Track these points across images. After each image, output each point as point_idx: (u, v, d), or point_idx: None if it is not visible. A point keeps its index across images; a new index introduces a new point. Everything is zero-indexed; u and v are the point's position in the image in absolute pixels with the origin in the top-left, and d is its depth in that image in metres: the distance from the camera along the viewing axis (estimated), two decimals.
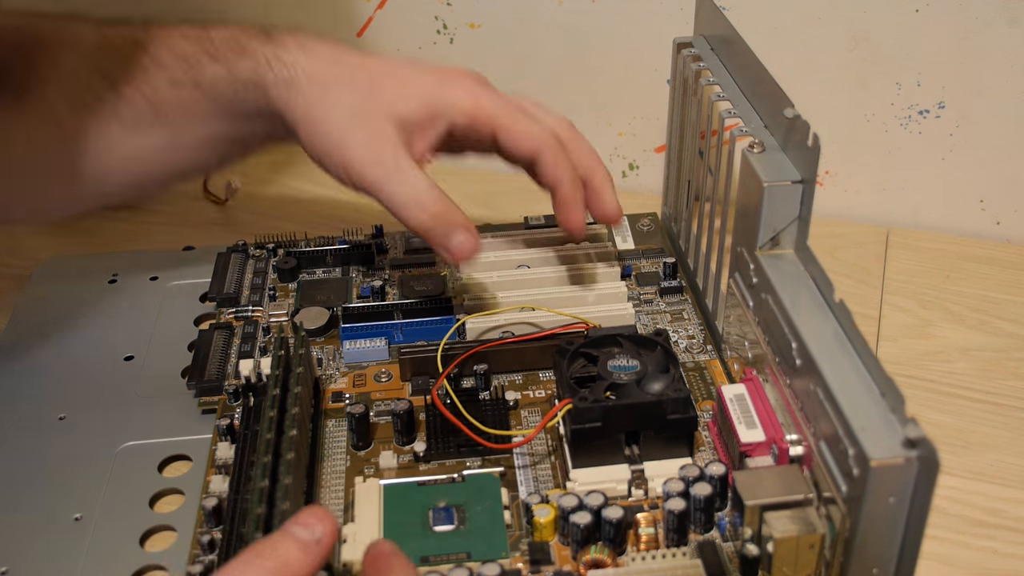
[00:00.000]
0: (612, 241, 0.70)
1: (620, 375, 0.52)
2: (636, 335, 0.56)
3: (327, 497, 0.52)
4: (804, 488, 0.46)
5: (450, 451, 0.54)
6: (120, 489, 0.54)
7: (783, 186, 0.49)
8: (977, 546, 0.52)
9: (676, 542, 0.48)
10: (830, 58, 0.74)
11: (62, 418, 0.59)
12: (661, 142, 0.82)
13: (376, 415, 0.57)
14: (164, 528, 0.52)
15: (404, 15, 0.83)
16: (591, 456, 0.51)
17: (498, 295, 0.62)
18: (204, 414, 0.58)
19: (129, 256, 0.72)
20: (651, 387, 0.52)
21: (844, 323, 0.46)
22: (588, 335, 0.57)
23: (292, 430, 0.49)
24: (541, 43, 0.81)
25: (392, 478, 0.53)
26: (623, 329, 0.59)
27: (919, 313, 0.68)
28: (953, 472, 0.56)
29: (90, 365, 0.62)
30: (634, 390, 0.52)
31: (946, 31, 0.71)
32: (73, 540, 0.51)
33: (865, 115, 0.76)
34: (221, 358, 0.61)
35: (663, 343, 0.55)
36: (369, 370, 0.60)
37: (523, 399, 0.58)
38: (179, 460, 0.56)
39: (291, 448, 0.48)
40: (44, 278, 0.70)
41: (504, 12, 0.80)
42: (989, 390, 0.62)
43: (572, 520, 0.47)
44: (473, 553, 0.48)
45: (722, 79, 0.59)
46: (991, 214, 0.77)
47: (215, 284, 0.67)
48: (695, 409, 0.51)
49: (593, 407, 0.50)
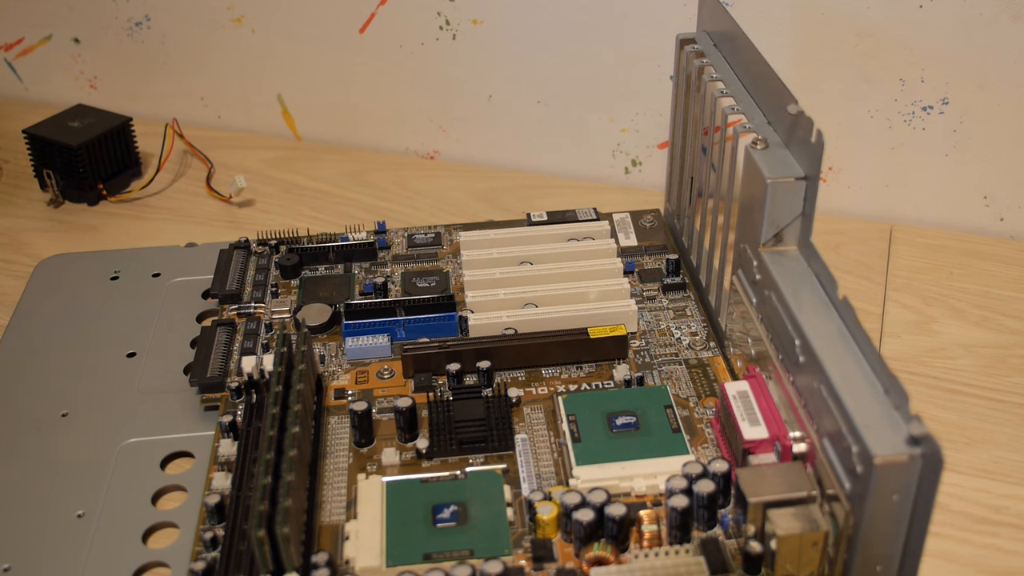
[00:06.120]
0: (615, 238, 0.70)
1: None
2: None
3: (329, 494, 0.52)
4: (807, 485, 0.46)
5: (452, 448, 0.54)
6: (122, 486, 0.54)
7: (786, 182, 0.49)
8: (980, 543, 0.52)
9: (679, 539, 0.48)
10: (833, 54, 0.74)
11: (64, 415, 0.59)
12: (664, 138, 0.82)
13: (378, 412, 0.57)
14: (167, 525, 0.52)
15: (406, 11, 0.83)
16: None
17: (500, 292, 0.62)
18: (206, 411, 0.58)
19: (131, 253, 0.72)
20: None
21: (847, 320, 0.45)
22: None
23: (294, 427, 0.49)
24: (544, 39, 0.81)
25: (395, 475, 0.53)
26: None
27: (922, 310, 0.68)
28: (956, 469, 0.56)
29: (92, 362, 0.62)
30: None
31: (950, 27, 0.71)
32: (76, 537, 0.51)
33: (869, 111, 0.76)
34: (223, 355, 0.61)
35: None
36: (371, 367, 0.60)
37: (526, 396, 0.58)
38: (181, 457, 0.56)
39: (293, 445, 0.48)
40: (46, 275, 0.70)
41: (507, 8, 0.80)
42: (992, 387, 0.62)
43: (575, 517, 0.47)
44: (476, 550, 0.48)
45: (725, 75, 0.59)
46: (995, 210, 0.77)
47: (217, 281, 0.67)
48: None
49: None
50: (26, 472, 0.55)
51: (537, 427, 0.56)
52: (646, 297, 0.65)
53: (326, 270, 0.69)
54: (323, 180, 0.84)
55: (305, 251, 0.69)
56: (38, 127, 0.80)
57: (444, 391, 0.58)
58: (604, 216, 0.72)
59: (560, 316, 0.61)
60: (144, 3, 0.89)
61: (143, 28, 0.90)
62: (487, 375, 0.58)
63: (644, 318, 0.63)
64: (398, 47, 0.85)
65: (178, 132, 0.85)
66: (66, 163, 0.79)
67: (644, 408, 0.55)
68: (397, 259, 0.69)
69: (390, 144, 0.90)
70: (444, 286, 0.66)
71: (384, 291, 0.66)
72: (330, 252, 0.69)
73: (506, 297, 0.62)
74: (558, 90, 0.83)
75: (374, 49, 0.85)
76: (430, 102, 0.87)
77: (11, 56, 0.96)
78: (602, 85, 0.81)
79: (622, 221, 0.72)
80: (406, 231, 0.72)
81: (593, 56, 0.80)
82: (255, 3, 0.86)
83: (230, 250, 0.70)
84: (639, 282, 0.67)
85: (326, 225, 0.77)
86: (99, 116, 0.82)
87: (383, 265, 0.69)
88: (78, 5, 0.91)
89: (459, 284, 0.66)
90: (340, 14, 0.84)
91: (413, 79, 0.86)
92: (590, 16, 0.78)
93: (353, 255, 0.69)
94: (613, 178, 0.85)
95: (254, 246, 0.70)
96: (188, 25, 0.89)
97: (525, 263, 0.66)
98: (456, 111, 0.86)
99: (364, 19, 0.84)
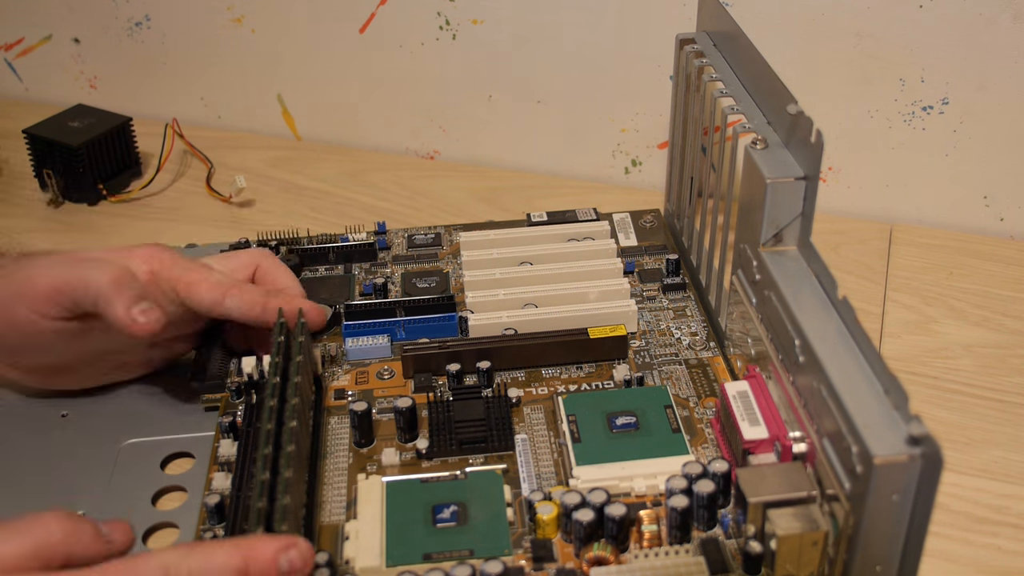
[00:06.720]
0: (615, 238, 0.70)
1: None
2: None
3: (329, 494, 0.52)
4: (807, 485, 0.46)
5: (452, 448, 0.54)
6: (123, 486, 0.54)
7: (786, 183, 0.49)
8: (980, 543, 0.52)
9: (679, 539, 0.48)
10: (833, 54, 0.74)
11: (64, 415, 0.59)
12: (664, 138, 0.82)
13: (378, 412, 0.57)
14: (167, 525, 0.52)
15: (406, 11, 0.83)
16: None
17: (500, 292, 0.62)
18: (207, 411, 0.58)
19: None
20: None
21: (847, 320, 0.45)
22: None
23: (292, 421, 0.49)
24: (543, 39, 0.81)
25: (395, 475, 0.53)
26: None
27: (922, 310, 0.68)
28: (956, 469, 0.56)
29: None
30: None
31: (950, 27, 0.71)
32: None
33: (868, 111, 0.76)
34: (224, 355, 0.61)
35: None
36: (372, 367, 0.60)
37: (526, 396, 0.58)
38: (181, 457, 0.56)
39: (291, 440, 0.48)
40: None
41: (506, 8, 0.80)
42: (992, 387, 0.62)
43: (575, 517, 0.47)
44: (476, 550, 0.48)
45: (725, 75, 0.59)
46: (995, 210, 0.77)
47: None
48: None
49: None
50: (26, 472, 0.55)
51: (537, 427, 0.56)
52: (646, 297, 0.65)
53: (326, 271, 0.69)
54: (323, 180, 0.84)
55: (305, 251, 0.69)
56: (38, 127, 0.80)
57: (444, 391, 0.58)
58: (604, 216, 0.72)
59: (560, 316, 0.61)
60: (144, 3, 0.89)
61: (143, 28, 0.90)
62: (487, 375, 0.58)
63: (644, 318, 0.63)
64: (398, 47, 0.85)
65: (178, 132, 0.85)
66: (66, 163, 0.79)
67: (644, 408, 0.55)
68: (397, 259, 0.69)
69: (390, 144, 0.90)
70: (444, 286, 0.66)
71: (384, 292, 0.66)
72: (330, 252, 0.69)
73: (506, 297, 0.62)
74: (558, 90, 0.83)
75: (374, 49, 0.85)
76: (430, 102, 0.87)
77: (11, 56, 0.96)
78: (602, 85, 0.81)
79: (622, 221, 0.72)
80: (406, 231, 0.72)
81: (593, 56, 0.80)
82: (255, 3, 0.86)
83: (230, 250, 0.70)
84: (639, 282, 0.67)
85: (326, 225, 0.77)
86: (99, 116, 0.82)
87: (383, 266, 0.69)
88: (78, 5, 0.91)
89: (459, 284, 0.66)
90: (340, 14, 0.84)
91: (413, 79, 0.86)
92: (590, 16, 0.78)
93: (353, 256, 0.69)
94: (613, 178, 0.85)
95: (254, 246, 0.70)
96: (188, 25, 0.89)
97: (525, 263, 0.66)
98: (456, 111, 0.86)
99: (364, 19, 0.84)
